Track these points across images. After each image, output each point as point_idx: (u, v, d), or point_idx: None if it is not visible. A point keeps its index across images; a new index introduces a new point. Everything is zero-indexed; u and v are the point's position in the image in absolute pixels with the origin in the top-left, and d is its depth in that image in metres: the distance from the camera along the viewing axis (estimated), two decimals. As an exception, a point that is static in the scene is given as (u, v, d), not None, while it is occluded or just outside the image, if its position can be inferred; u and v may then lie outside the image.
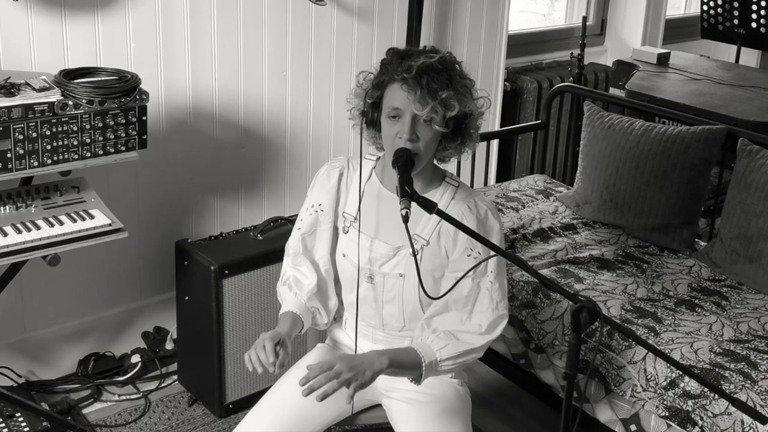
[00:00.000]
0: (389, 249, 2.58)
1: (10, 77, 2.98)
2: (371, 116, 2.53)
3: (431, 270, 2.59)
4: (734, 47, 6.26)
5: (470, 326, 2.55)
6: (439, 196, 2.60)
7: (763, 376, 2.86)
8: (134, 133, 3.14)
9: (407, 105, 2.40)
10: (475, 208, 2.59)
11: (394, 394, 2.70)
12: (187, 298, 3.66)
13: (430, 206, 2.25)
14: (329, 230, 2.68)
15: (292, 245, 2.72)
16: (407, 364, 2.45)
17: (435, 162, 2.61)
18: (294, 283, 2.67)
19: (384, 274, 2.60)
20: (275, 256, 3.56)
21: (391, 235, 2.56)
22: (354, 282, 2.64)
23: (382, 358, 2.39)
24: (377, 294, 2.63)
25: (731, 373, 2.87)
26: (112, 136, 3.08)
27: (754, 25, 5.99)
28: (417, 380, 2.49)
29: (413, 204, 2.26)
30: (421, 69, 2.39)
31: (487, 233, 2.58)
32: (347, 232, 2.64)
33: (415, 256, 2.37)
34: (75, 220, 3.03)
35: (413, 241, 2.54)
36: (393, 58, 2.48)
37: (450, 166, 2.76)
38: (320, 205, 2.67)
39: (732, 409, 2.73)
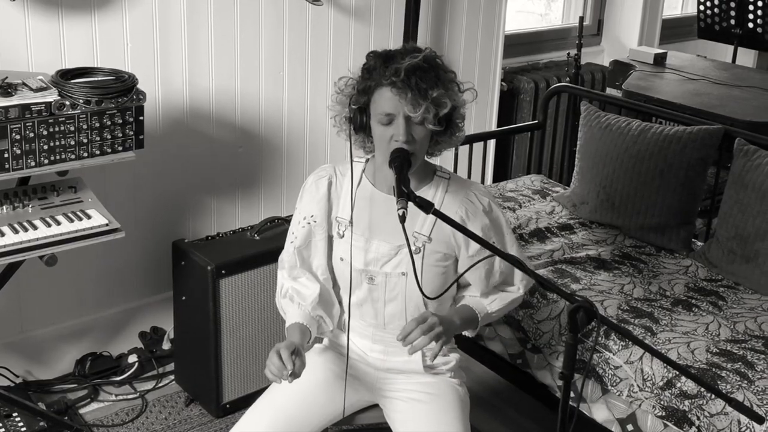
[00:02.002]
0: (390, 248, 2.58)
1: (7, 77, 2.97)
2: (359, 122, 2.52)
3: (434, 265, 2.60)
4: (731, 47, 6.27)
5: (510, 288, 2.77)
6: (433, 191, 2.61)
7: (759, 376, 2.86)
8: (131, 133, 3.14)
9: (399, 108, 2.40)
10: (478, 203, 2.61)
11: (392, 394, 2.71)
12: (184, 298, 3.66)
13: (427, 206, 2.26)
14: (324, 239, 2.68)
15: (287, 259, 2.72)
16: (468, 319, 2.67)
17: (426, 157, 2.61)
18: (296, 294, 2.66)
19: (386, 274, 2.61)
20: (272, 256, 3.55)
21: (390, 235, 2.56)
22: (353, 284, 2.65)
23: (455, 318, 2.62)
24: (379, 294, 2.63)
25: (728, 373, 2.87)
26: (109, 136, 3.08)
27: (750, 25, 6.00)
28: (470, 332, 2.75)
29: (410, 202, 2.27)
30: (409, 70, 2.38)
31: (494, 222, 2.65)
32: (343, 236, 2.64)
33: (412, 256, 2.37)
34: (72, 220, 3.03)
35: (414, 238, 2.56)
36: (376, 62, 2.47)
37: (447, 167, 2.76)
38: (312, 216, 2.66)
39: (729, 409, 2.73)
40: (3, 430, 3.37)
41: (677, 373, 2.87)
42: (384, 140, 2.45)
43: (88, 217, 3.07)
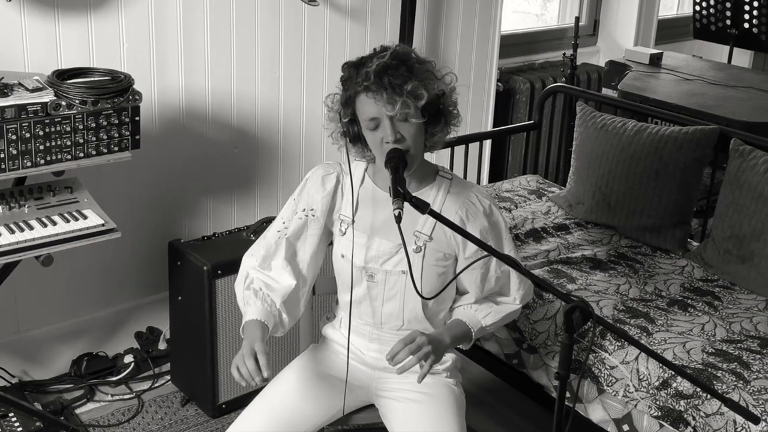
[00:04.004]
0: (392, 246, 2.58)
1: (3, 77, 2.98)
2: (353, 133, 2.53)
3: (434, 265, 2.61)
4: (727, 47, 6.29)
5: (506, 299, 2.76)
6: (435, 192, 2.61)
7: (755, 376, 2.86)
8: (127, 133, 3.14)
9: (380, 110, 2.41)
10: (479, 204, 2.62)
11: (387, 393, 2.71)
12: (180, 298, 3.66)
13: (422, 206, 2.26)
14: (316, 236, 2.67)
15: (264, 246, 2.68)
16: (460, 336, 2.63)
17: (426, 152, 2.61)
18: (264, 287, 2.63)
19: (386, 272, 2.61)
20: (268, 256, 3.57)
21: (392, 233, 2.55)
22: (353, 281, 2.65)
23: (445, 336, 2.57)
24: (377, 292, 2.63)
25: (724, 373, 2.88)
26: (105, 137, 3.08)
27: (746, 25, 6.01)
28: (466, 345, 2.70)
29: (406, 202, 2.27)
30: (378, 71, 2.39)
31: (493, 226, 2.65)
32: (345, 233, 2.64)
33: (408, 256, 2.37)
34: (68, 221, 3.03)
35: (415, 237, 2.56)
36: (349, 71, 2.48)
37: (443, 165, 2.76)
38: (312, 210, 2.66)
39: (724, 409, 2.74)
40: (-1, 430, 3.37)
41: (673, 373, 2.87)
42: (377, 144, 2.47)
43: (84, 217, 3.07)
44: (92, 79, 3.12)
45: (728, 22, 6.09)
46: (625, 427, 2.98)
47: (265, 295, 2.61)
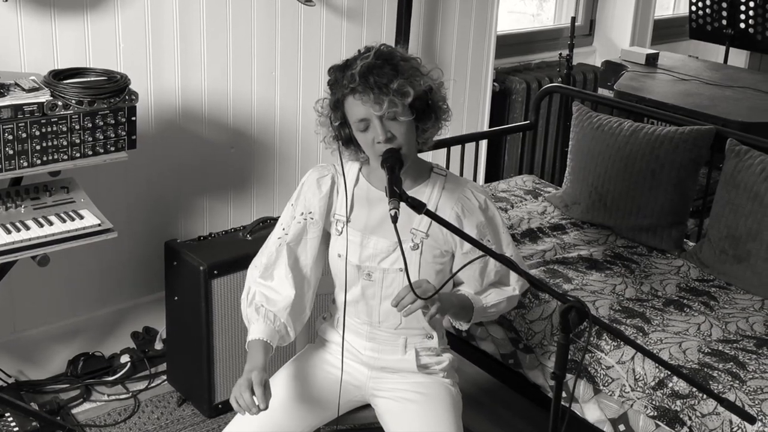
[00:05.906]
0: (389, 244, 2.59)
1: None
2: (344, 136, 2.54)
3: (432, 262, 2.61)
4: (723, 48, 6.29)
5: (506, 288, 2.76)
6: (430, 189, 2.61)
7: (751, 376, 2.87)
8: (123, 133, 3.14)
9: (368, 111, 2.41)
10: (475, 200, 2.62)
11: (384, 393, 2.71)
12: (176, 298, 3.66)
13: (419, 207, 2.26)
14: (316, 238, 2.68)
15: (266, 254, 2.69)
16: (463, 302, 2.64)
17: (419, 150, 2.61)
18: (265, 301, 2.63)
19: (384, 270, 2.61)
20: (265, 256, 3.56)
21: (389, 231, 2.55)
22: (349, 281, 2.65)
23: (452, 296, 2.62)
24: (375, 291, 2.63)
25: (720, 373, 2.88)
26: (101, 137, 3.08)
27: (742, 25, 6.02)
28: (463, 324, 2.74)
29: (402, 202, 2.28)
30: (363, 72, 2.39)
31: (490, 220, 2.66)
32: (341, 233, 2.64)
33: (404, 255, 2.36)
34: (64, 221, 3.03)
35: (412, 235, 2.57)
36: (335, 75, 2.49)
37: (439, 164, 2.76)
38: (311, 213, 2.66)
39: (720, 409, 2.74)
40: (-5, 430, 3.37)
41: (669, 373, 2.88)
42: (368, 145, 2.47)
43: (81, 217, 3.07)
44: (89, 79, 3.12)
45: (724, 22, 6.10)
46: (621, 427, 2.98)
47: (267, 312, 2.61)
